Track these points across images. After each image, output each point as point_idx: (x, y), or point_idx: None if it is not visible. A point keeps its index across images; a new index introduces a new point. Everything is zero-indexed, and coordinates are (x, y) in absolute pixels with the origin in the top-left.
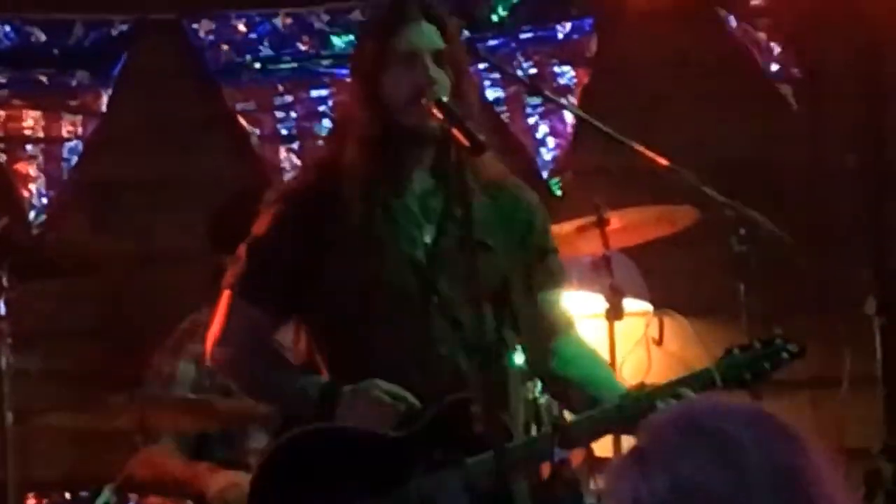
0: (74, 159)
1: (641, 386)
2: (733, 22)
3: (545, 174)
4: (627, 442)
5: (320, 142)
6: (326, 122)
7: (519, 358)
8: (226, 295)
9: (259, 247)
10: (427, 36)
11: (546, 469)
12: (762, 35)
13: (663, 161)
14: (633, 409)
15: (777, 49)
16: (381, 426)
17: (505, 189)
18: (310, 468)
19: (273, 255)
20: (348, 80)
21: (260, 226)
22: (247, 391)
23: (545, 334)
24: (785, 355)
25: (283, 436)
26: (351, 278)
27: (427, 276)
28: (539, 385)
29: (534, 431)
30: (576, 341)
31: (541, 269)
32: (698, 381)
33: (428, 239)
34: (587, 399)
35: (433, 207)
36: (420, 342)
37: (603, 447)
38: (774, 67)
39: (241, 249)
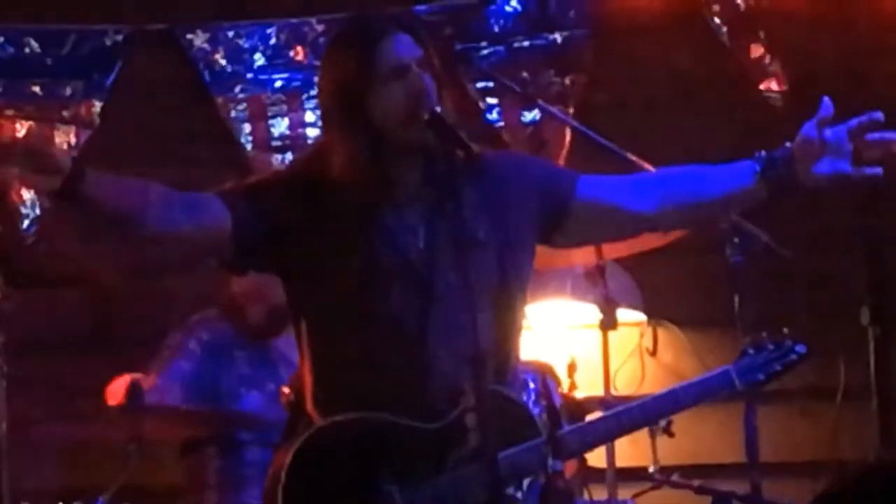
0: None
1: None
2: (725, 33)
3: None
4: (621, 452)
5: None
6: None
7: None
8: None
9: (253, 189)
10: (407, 46)
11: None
12: (754, 45)
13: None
14: (638, 416)
15: (768, 59)
16: None
17: (485, 170)
18: (336, 464)
19: (264, 201)
20: (322, 106)
21: (261, 181)
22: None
23: (620, 209)
24: (794, 356)
25: (318, 424)
26: (346, 283)
27: (424, 280)
28: (532, 395)
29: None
30: (646, 183)
31: (557, 187)
32: (716, 382)
33: (421, 244)
34: (723, 203)
35: (421, 209)
36: (416, 348)
37: (597, 458)
38: (766, 77)
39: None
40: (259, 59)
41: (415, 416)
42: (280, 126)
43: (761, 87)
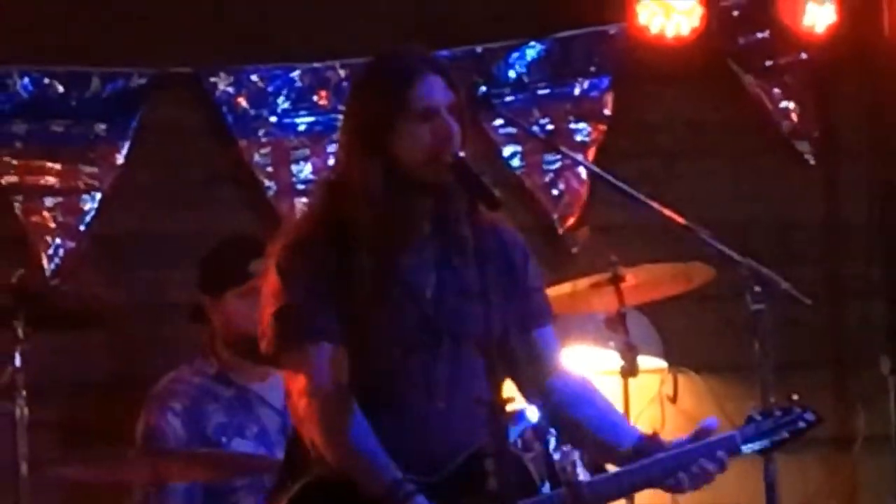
0: (91, 211)
1: (655, 434)
2: (749, 80)
3: (560, 231)
4: (640, 499)
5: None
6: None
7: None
8: (294, 347)
9: (305, 290)
10: (439, 89)
11: None
12: (777, 92)
13: (679, 218)
14: (655, 471)
15: (793, 106)
16: None
17: (488, 231)
18: None
19: (317, 293)
20: (343, 135)
21: (285, 275)
22: (326, 446)
23: (541, 371)
24: (802, 424)
25: (301, 481)
26: (361, 335)
27: (435, 329)
28: (553, 441)
29: (547, 488)
30: (573, 378)
31: (529, 306)
32: (722, 446)
33: (429, 293)
34: (599, 443)
35: (431, 258)
36: (424, 397)
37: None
38: (790, 125)
39: (280, 302)
40: (283, 103)
41: (415, 467)
42: (304, 170)
43: (786, 135)
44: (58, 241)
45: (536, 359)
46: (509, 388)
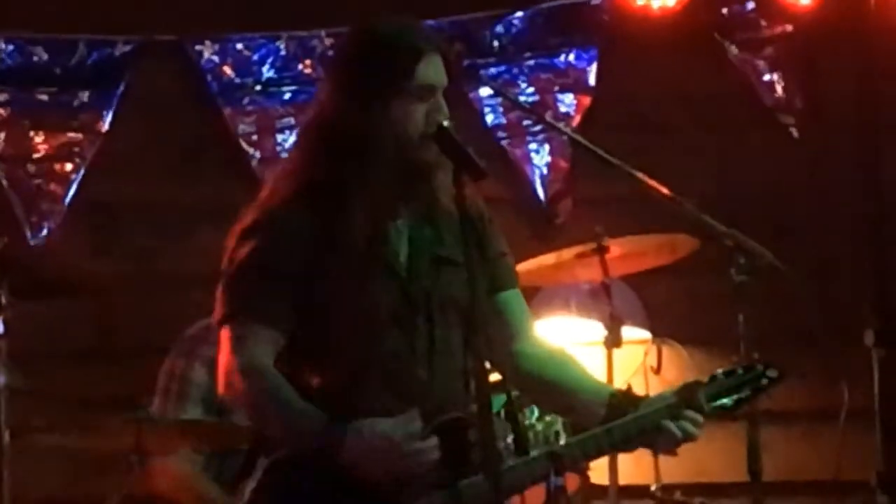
0: (75, 179)
1: (629, 390)
2: (735, 52)
3: (545, 201)
4: (624, 469)
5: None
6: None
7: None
8: (234, 321)
9: (258, 271)
10: (441, 69)
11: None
12: (763, 64)
13: (664, 190)
14: (622, 433)
15: (778, 79)
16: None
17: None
18: (302, 486)
19: (274, 277)
20: (337, 92)
21: (251, 250)
22: (258, 421)
23: (508, 335)
24: (765, 381)
25: (273, 456)
26: (347, 303)
27: (411, 296)
28: (536, 411)
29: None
30: (540, 341)
31: (494, 270)
32: (687, 405)
33: (405, 263)
34: (567, 404)
35: (403, 228)
36: (408, 364)
37: (599, 476)
38: (775, 97)
39: (232, 275)
40: (268, 72)
41: None
42: (288, 139)
43: (772, 107)
44: (42, 209)
45: (503, 323)
46: None
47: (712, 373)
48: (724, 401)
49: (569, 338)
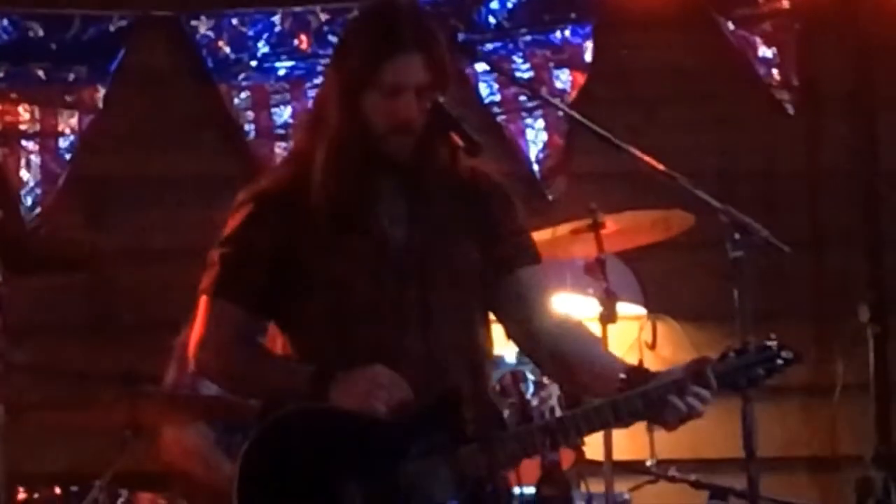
0: (70, 154)
1: (641, 365)
2: (731, 28)
3: (540, 176)
4: (619, 445)
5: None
6: None
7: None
8: (204, 299)
9: (233, 248)
10: (414, 70)
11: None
12: (759, 40)
13: (659, 165)
14: (628, 408)
15: (774, 55)
16: (375, 409)
17: (466, 176)
18: (298, 449)
19: (248, 254)
20: (331, 72)
21: (231, 227)
22: (234, 390)
23: (524, 314)
24: (780, 362)
25: (271, 415)
26: (325, 284)
27: (402, 279)
28: (531, 387)
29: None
30: (557, 318)
31: (511, 247)
32: (697, 381)
33: (399, 238)
34: (582, 381)
35: (399, 210)
36: (397, 344)
37: (594, 451)
38: (771, 74)
39: (214, 253)
40: (263, 47)
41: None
42: (283, 114)
43: (768, 83)
44: (37, 183)
45: (521, 299)
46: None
47: (723, 351)
48: (739, 379)
49: (564, 314)
